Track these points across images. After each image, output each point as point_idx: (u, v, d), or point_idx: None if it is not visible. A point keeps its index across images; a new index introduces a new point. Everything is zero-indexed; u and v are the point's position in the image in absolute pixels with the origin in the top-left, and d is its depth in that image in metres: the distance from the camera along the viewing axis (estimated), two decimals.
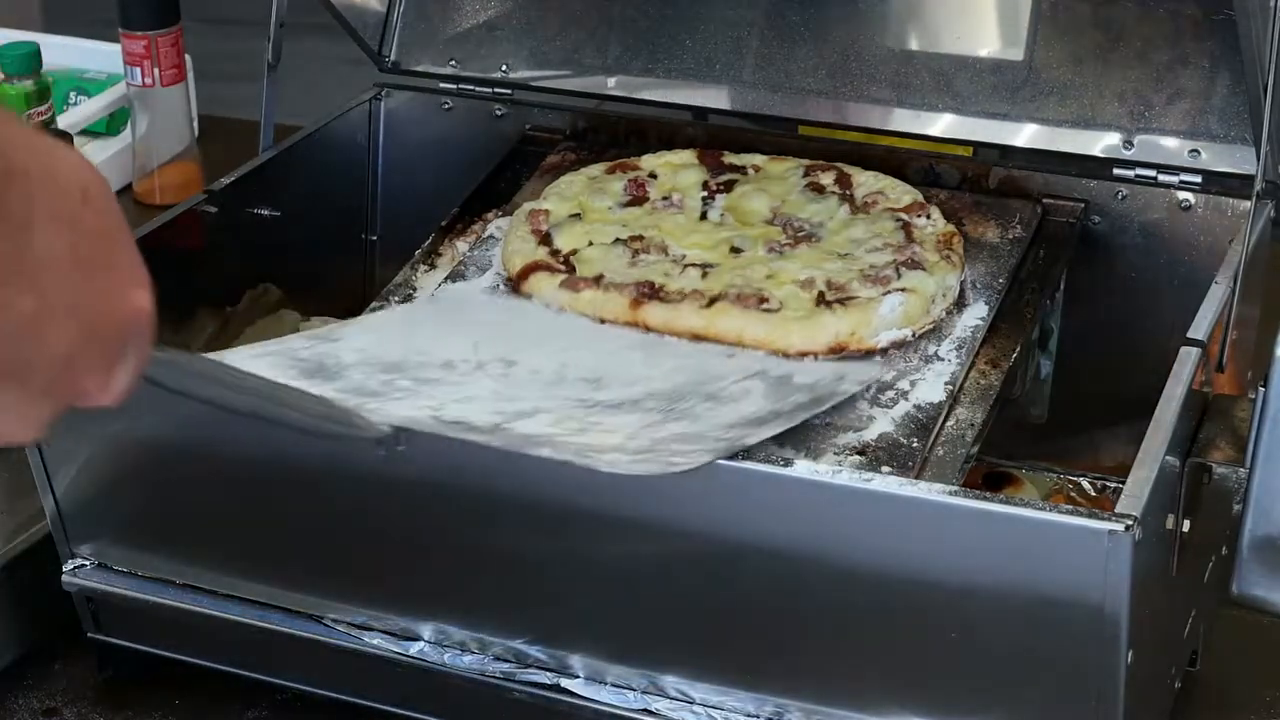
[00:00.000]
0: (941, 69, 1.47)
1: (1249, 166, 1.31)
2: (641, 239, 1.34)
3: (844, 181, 1.39)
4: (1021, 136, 1.44)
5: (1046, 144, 1.43)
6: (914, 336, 1.23)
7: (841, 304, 1.24)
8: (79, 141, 1.96)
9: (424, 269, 1.39)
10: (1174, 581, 1.11)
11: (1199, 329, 1.16)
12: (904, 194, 1.36)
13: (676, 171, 1.42)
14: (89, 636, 1.30)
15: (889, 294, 1.24)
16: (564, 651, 1.14)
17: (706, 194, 1.39)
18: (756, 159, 1.43)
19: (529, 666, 1.16)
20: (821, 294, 1.25)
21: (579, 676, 1.15)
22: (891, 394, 1.18)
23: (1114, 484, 1.39)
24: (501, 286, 1.33)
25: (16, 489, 1.35)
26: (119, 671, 1.31)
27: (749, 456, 1.04)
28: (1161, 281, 1.38)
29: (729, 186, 1.40)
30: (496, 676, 1.16)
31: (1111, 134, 1.41)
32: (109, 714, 1.29)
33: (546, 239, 1.34)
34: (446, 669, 1.17)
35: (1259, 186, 1.25)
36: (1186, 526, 1.09)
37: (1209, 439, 1.11)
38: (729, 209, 1.38)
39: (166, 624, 1.26)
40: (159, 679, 1.30)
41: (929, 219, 1.33)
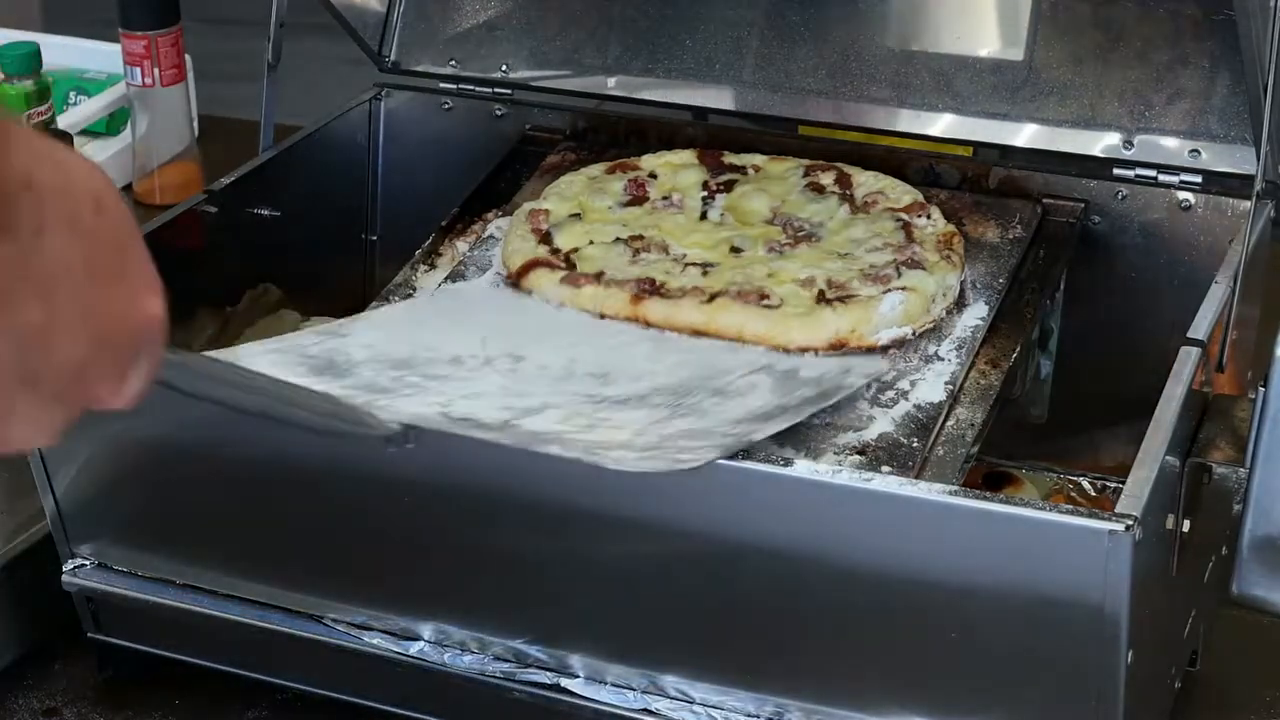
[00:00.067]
0: (941, 69, 1.47)
1: (1249, 166, 1.31)
2: (642, 239, 1.33)
3: (844, 181, 1.39)
4: (1021, 136, 1.44)
5: (1046, 144, 1.43)
6: (914, 335, 1.23)
7: (842, 301, 1.24)
8: (79, 141, 1.96)
9: (424, 269, 1.39)
10: (1174, 581, 1.11)
11: (1199, 329, 1.16)
12: (904, 194, 1.36)
13: (676, 171, 1.42)
14: (89, 636, 1.30)
15: (889, 292, 1.24)
16: (564, 651, 1.14)
17: (706, 194, 1.39)
18: (756, 159, 1.43)
19: (529, 666, 1.16)
20: (822, 292, 1.25)
21: (579, 676, 1.15)
22: (891, 394, 1.18)
23: (1114, 484, 1.39)
24: (501, 285, 1.33)
25: (16, 489, 1.35)
26: (119, 671, 1.31)
27: (749, 456, 1.04)
28: (1161, 281, 1.38)
29: (729, 186, 1.40)
30: (496, 676, 1.16)
31: (1111, 134, 1.41)
32: (109, 714, 1.29)
33: (546, 238, 1.34)
34: (446, 669, 1.17)
35: (1259, 186, 1.25)
36: (1186, 526, 1.09)
37: (1209, 439, 1.11)
38: (729, 209, 1.38)
39: (166, 624, 1.26)
40: (159, 679, 1.30)
41: (929, 219, 1.33)
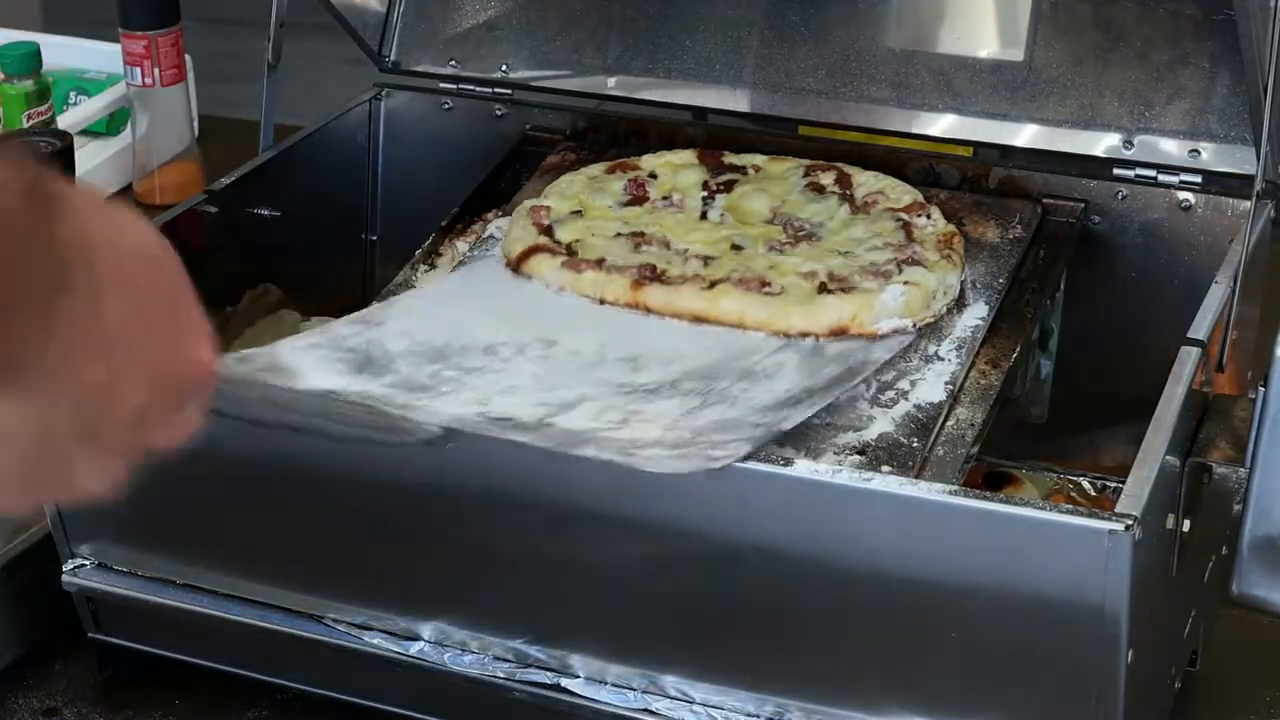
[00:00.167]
0: (941, 69, 1.47)
1: (1249, 166, 1.31)
2: (643, 234, 1.34)
3: (844, 181, 1.39)
4: (1021, 136, 1.44)
5: (1046, 144, 1.43)
6: (914, 327, 1.23)
7: (844, 291, 1.24)
8: (79, 141, 1.96)
9: (424, 269, 1.39)
10: (1174, 581, 1.11)
11: (1199, 329, 1.16)
12: (904, 194, 1.36)
13: (676, 171, 1.42)
14: (89, 636, 1.30)
15: (891, 284, 1.24)
16: (564, 651, 1.14)
17: (706, 194, 1.39)
18: (756, 159, 1.43)
19: (529, 666, 1.16)
20: (823, 284, 1.25)
21: (579, 676, 1.15)
22: (892, 394, 1.18)
23: (1114, 484, 1.39)
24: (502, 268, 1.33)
25: None
26: (119, 671, 1.31)
27: (749, 456, 1.04)
28: (1161, 281, 1.38)
29: (729, 186, 1.40)
30: (496, 676, 1.16)
31: (1111, 134, 1.41)
32: (109, 714, 1.29)
33: (548, 231, 1.34)
34: (446, 669, 1.17)
35: (1259, 186, 1.25)
36: (1186, 526, 1.09)
37: (1209, 439, 1.11)
38: (729, 209, 1.38)
39: (166, 624, 1.26)
40: (159, 679, 1.30)
41: (929, 219, 1.33)
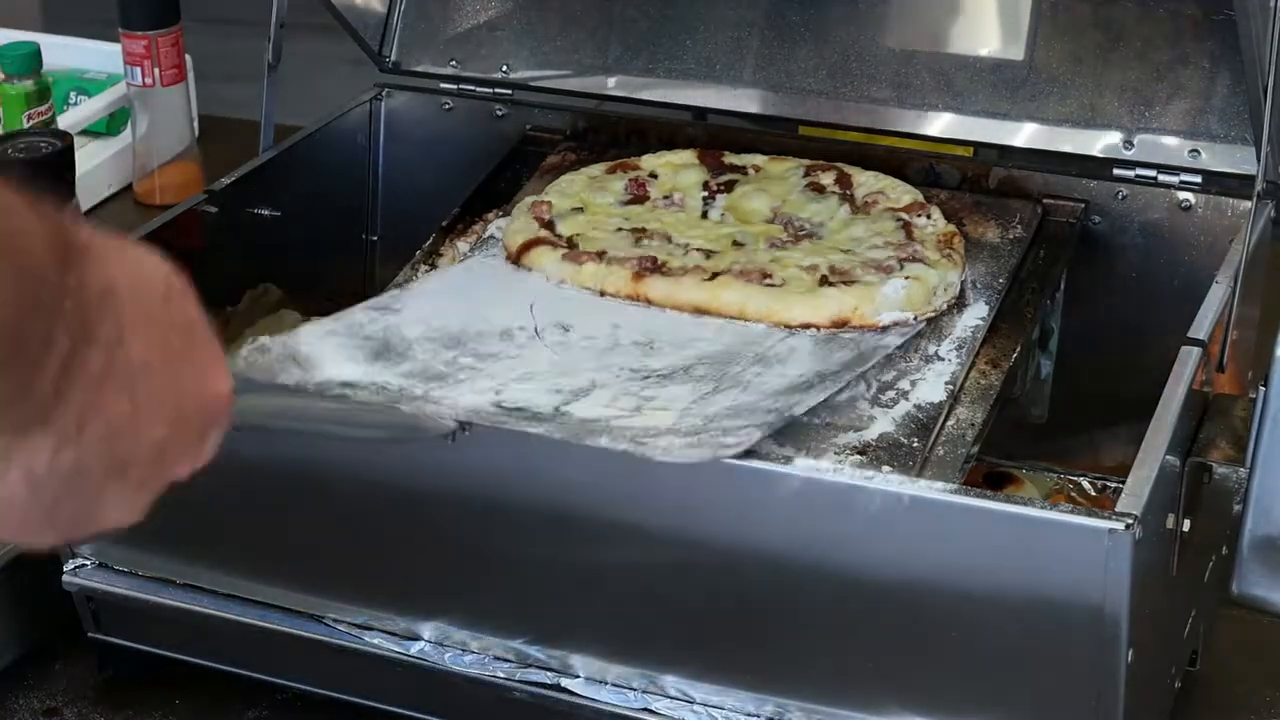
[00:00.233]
0: (941, 69, 1.47)
1: (1249, 166, 1.31)
2: (644, 230, 1.34)
3: (844, 181, 1.39)
4: (1021, 136, 1.44)
5: (1046, 144, 1.43)
6: (915, 320, 1.23)
7: (845, 283, 1.24)
8: (79, 141, 1.96)
9: (424, 269, 1.38)
10: (1174, 581, 1.11)
11: (1199, 329, 1.16)
12: (904, 194, 1.36)
13: (677, 171, 1.42)
14: (89, 636, 1.30)
15: (893, 278, 1.24)
16: (564, 651, 1.14)
17: (707, 194, 1.39)
18: (757, 159, 1.43)
19: (529, 666, 1.16)
20: (824, 277, 1.26)
21: (579, 676, 1.15)
22: (892, 394, 1.18)
23: (1114, 484, 1.39)
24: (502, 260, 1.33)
25: None
26: (119, 671, 1.31)
27: (749, 455, 1.04)
28: (1161, 281, 1.38)
29: (729, 186, 1.40)
30: (497, 676, 1.16)
31: (1111, 134, 1.41)
32: (109, 714, 1.29)
33: (549, 226, 1.34)
34: (447, 669, 1.17)
35: (1259, 186, 1.25)
36: (1186, 526, 1.09)
37: (1209, 439, 1.11)
38: (729, 209, 1.38)
39: (166, 624, 1.26)
40: (159, 679, 1.30)
41: (929, 219, 1.33)
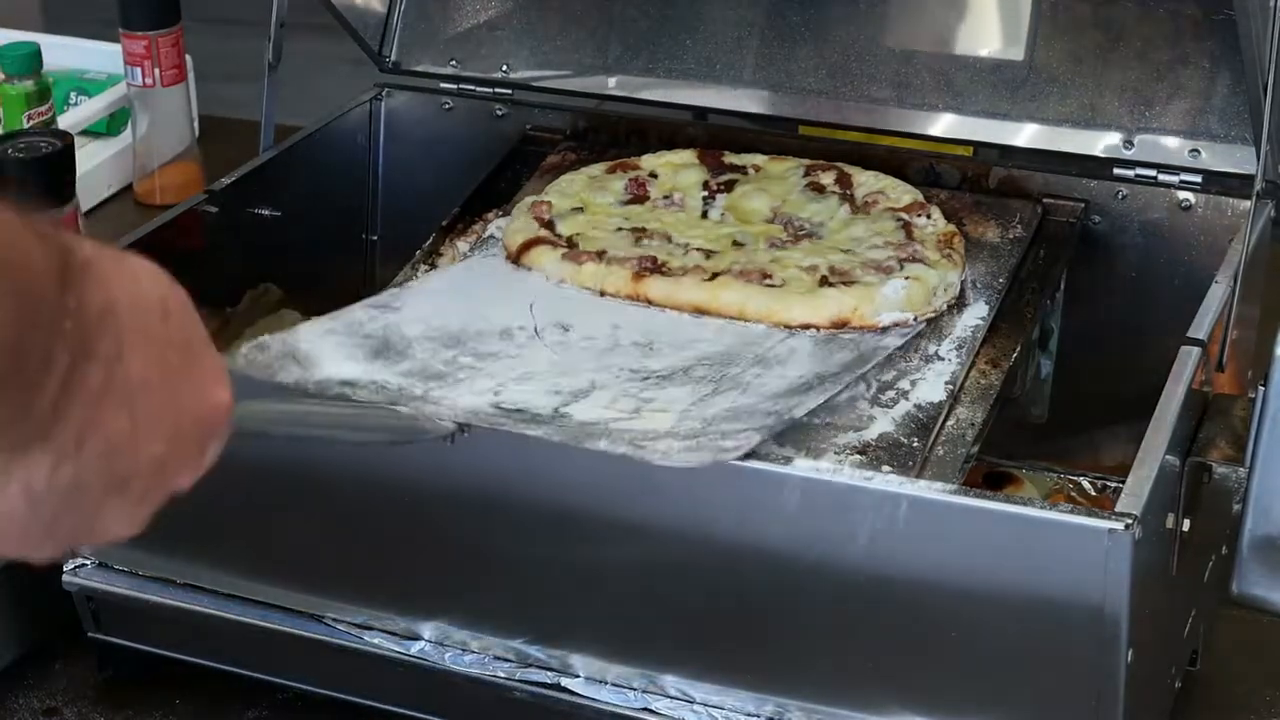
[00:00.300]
0: (941, 69, 1.47)
1: (1249, 166, 1.31)
2: (644, 229, 1.34)
3: (844, 181, 1.39)
4: (1022, 136, 1.44)
5: (1047, 144, 1.43)
6: (915, 320, 1.23)
7: (845, 284, 1.24)
8: (79, 141, 1.96)
9: (424, 269, 1.38)
10: (1174, 581, 1.11)
11: (1199, 329, 1.16)
12: (904, 194, 1.36)
13: (677, 171, 1.42)
14: (89, 636, 1.30)
15: (893, 278, 1.24)
16: (564, 651, 1.14)
17: (707, 194, 1.39)
18: (757, 159, 1.43)
19: (529, 666, 1.16)
20: (824, 277, 1.26)
21: (579, 676, 1.15)
22: (892, 394, 1.18)
23: (1114, 484, 1.39)
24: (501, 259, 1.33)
25: None
26: (119, 671, 1.31)
27: (750, 456, 1.04)
28: (1161, 281, 1.38)
29: (729, 186, 1.40)
30: (497, 676, 1.16)
31: (1112, 134, 1.41)
32: (109, 714, 1.29)
33: (549, 226, 1.34)
34: (447, 669, 1.17)
35: (1259, 186, 1.25)
36: (1186, 526, 1.09)
37: (1209, 438, 1.11)
38: (729, 209, 1.38)
39: (166, 624, 1.26)
40: (159, 679, 1.30)
41: (929, 219, 1.33)
